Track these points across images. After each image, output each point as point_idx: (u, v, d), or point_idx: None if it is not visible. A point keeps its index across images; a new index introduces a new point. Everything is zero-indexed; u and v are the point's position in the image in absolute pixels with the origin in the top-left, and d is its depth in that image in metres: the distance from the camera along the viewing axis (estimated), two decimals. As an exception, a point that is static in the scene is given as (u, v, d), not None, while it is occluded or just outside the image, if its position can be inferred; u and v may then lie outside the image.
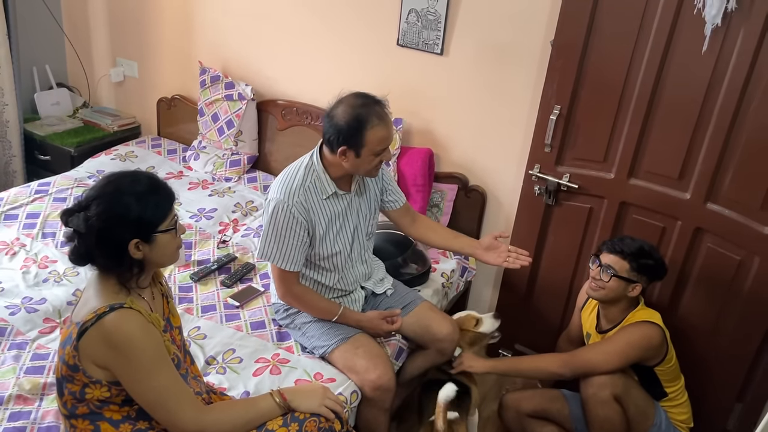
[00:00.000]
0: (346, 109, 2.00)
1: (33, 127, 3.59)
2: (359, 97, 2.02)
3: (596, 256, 2.26)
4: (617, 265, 2.19)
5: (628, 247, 2.20)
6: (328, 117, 2.03)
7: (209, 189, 3.19)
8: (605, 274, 2.19)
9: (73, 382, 1.49)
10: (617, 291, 2.21)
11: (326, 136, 2.05)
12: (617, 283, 2.19)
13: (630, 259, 2.18)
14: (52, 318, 2.26)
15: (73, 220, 1.47)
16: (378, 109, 2.01)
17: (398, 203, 2.36)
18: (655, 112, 2.31)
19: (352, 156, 2.02)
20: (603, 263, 2.21)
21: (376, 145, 2.01)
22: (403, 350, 2.35)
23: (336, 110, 2.02)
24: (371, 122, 1.98)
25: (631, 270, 2.18)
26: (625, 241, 2.22)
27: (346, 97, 2.04)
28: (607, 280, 2.19)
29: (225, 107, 3.24)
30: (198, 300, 2.44)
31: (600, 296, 2.25)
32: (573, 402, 2.44)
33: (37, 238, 2.70)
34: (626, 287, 2.20)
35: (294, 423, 1.64)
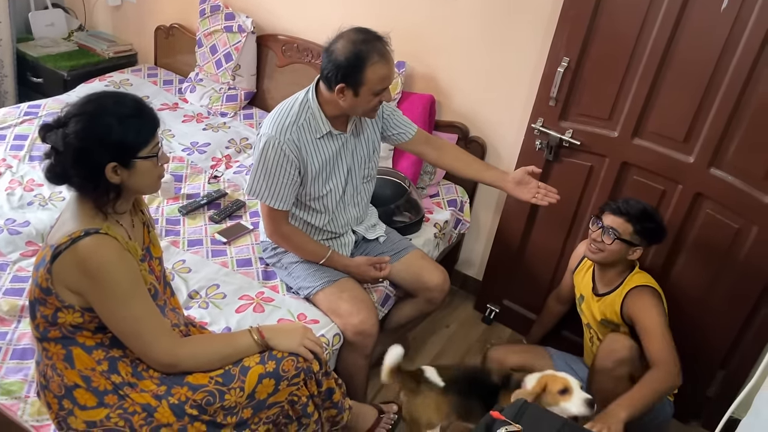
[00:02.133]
0: (346, 45, 1.90)
1: (26, 48, 3.49)
2: (360, 32, 1.93)
3: (598, 217, 2.19)
4: (621, 227, 2.12)
5: (633, 208, 2.13)
6: (327, 52, 1.94)
7: (204, 123, 3.12)
8: (607, 237, 2.13)
9: (45, 306, 1.46)
10: (618, 254, 2.15)
11: (324, 72, 1.96)
12: (619, 246, 2.13)
13: (634, 221, 2.12)
14: (35, 241, 2.22)
15: (51, 136, 1.41)
16: (379, 45, 1.92)
17: (408, 134, 2.27)
18: (666, 72, 2.22)
19: (350, 95, 1.94)
20: (605, 225, 2.15)
21: (375, 83, 1.93)
22: (389, 297, 2.33)
23: (335, 45, 1.93)
24: (372, 59, 1.89)
25: (634, 233, 2.12)
26: (629, 203, 2.15)
27: (346, 31, 1.94)
28: (609, 243, 2.13)
29: (224, 39, 3.14)
30: (185, 233, 2.40)
31: (599, 259, 2.19)
32: (558, 360, 2.44)
33: (24, 161, 2.65)
34: (627, 250, 2.15)
35: (271, 361, 1.62)
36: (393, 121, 2.25)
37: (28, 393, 1.66)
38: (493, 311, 2.96)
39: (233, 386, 1.56)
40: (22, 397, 1.66)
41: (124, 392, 1.50)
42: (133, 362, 1.54)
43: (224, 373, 1.57)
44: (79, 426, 1.49)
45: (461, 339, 2.89)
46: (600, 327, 2.27)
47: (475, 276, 3.11)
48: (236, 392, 1.56)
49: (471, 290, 3.13)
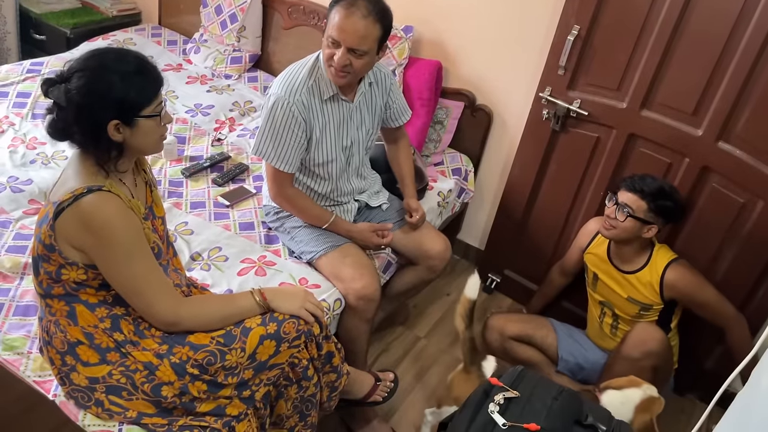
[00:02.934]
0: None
1: (29, 4, 3.44)
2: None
3: (613, 193, 2.18)
4: (635, 204, 2.11)
5: (648, 186, 2.11)
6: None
7: (208, 85, 3.09)
8: (621, 214, 2.12)
9: (48, 262, 1.46)
10: (631, 231, 2.14)
11: None
12: (632, 224, 2.12)
13: (649, 199, 2.10)
14: (38, 200, 2.22)
15: (54, 91, 1.40)
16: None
17: (402, 119, 2.28)
18: (677, 43, 2.18)
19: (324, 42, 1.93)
20: (620, 201, 2.13)
21: (331, 29, 1.88)
22: (391, 264, 2.33)
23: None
24: (339, 2, 1.87)
25: (648, 211, 2.11)
26: (645, 180, 2.13)
27: None
28: (622, 220, 2.11)
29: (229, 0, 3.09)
30: (188, 196, 2.40)
31: (612, 235, 2.18)
32: (561, 331, 2.45)
33: (27, 118, 2.63)
34: (641, 228, 2.13)
35: (272, 323, 1.62)
36: (395, 105, 2.23)
37: (30, 349, 1.68)
38: (494, 281, 2.97)
39: (234, 347, 1.57)
40: (25, 353, 1.67)
41: (126, 350, 1.51)
42: (136, 321, 1.55)
43: (226, 333, 1.58)
44: (82, 382, 1.51)
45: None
46: (625, 304, 2.26)
47: (477, 245, 3.10)
48: (237, 353, 1.57)
49: (473, 259, 3.13)
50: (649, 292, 2.19)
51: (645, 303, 2.21)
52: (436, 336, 2.72)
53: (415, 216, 2.25)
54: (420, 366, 2.56)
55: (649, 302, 2.20)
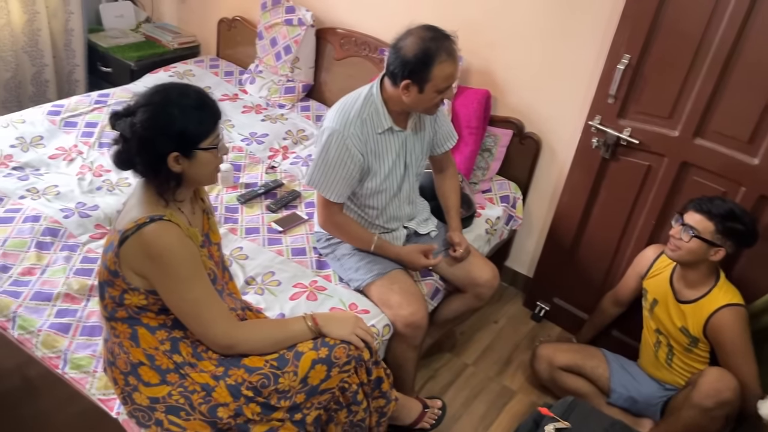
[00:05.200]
0: (416, 41, 1.93)
1: (97, 38, 3.63)
2: (429, 30, 1.95)
3: (680, 214, 2.14)
4: (701, 225, 2.07)
5: (717, 208, 2.07)
6: (395, 48, 1.97)
7: (262, 114, 3.19)
8: (686, 234, 2.08)
9: (113, 287, 1.55)
10: (697, 253, 2.09)
11: (390, 68, 1.99)
12: (698, 245, 2.07)
13: (717, 220, 2.05)
14: (103, 224, 2.33)
15: (120, 123, 1.49)
16: (448, 44, 1.94)
17: (448, 144, 2.32)
18: (732, 70, 2.16)
19: (415, 91, 1.97)
20: (686, 222, 2.10)
21: (441, 81, 1.95)
22: (439, 290, 2.35)
23: (404, 41, 1.95)
24: (440, 57, 1.92)
25: (716, 233, 2.06)
26: (714, 202, 2.09)
27: (415, 28, 1.97)
28: (686, 240, 2.08)
29: (284, 32, 3.20)
30: (243, 221, 2.48)
31: (677, 257, 2.14)
32: (614, 363, 2.41)
33: (94, 147, 2.77)
34: (707, 250, 2.08)
35: (324, 348, 1.66)
36: (442, 130, 2.27)
37: (96, 368, 1.76)
38: (543, 309, 2.95)
39: (287, 370, 1.61)
40: (91, 372, 1.75)
41: (184, 371, 1.58)
42: (194, 343, 1.61)
43: (279, 357, 1.63)
44: (143, 401, 1.57)
45: (509, 335, 2.89)
46: (678, 334, 2.22)
47: (525, 272, 3.09)
48: (290, 376, 1.61)
49: (521, 287, 3.12)
50: (697, 325, 2.15)
51: (693, 336, 2.16)
52: (484, 363, 2.71)
53: (459, 250, 2.27)
54: (467, 393, 2.55)
55: (696, 336, 2.15)
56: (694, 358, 2.21)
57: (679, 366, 2.25)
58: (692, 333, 2.16)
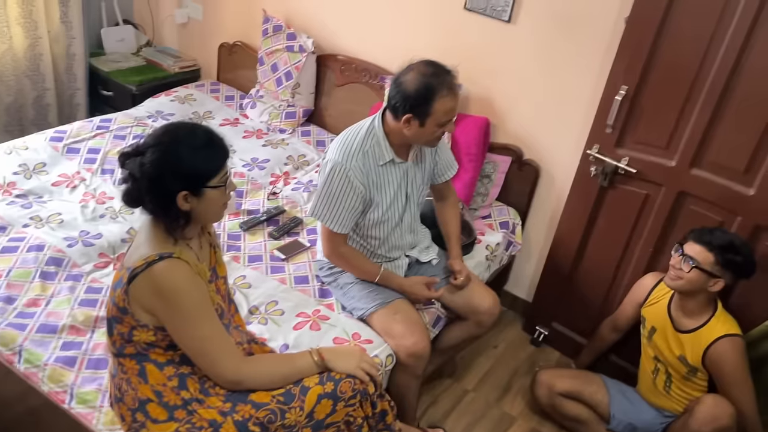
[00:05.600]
0: (417, 77, 1.97)
1: (98, 62, 3.66)
2: (430, 65, 1.99)
3: (680, 244, 2.18)
4: (700, 256, 2.10)
5: (717, 239, 2.10)
6: (396, 83, 2.01)
7: (263, 139, 3.22)
8: (686, 264, 2.11)
9: (122, 324, 1.56)
10: (696, 284, 2.12)
11: (392, 102, 2.03)
12: (698, 275, 2.10)
13: (716, 252, 2.09)
14: (107, 253, 2.34)
15: (130, 163, 1.51)
16: (449, 79, 1.98)
17: (448, 174, 2.35)
18: (728, 102, 2.20)
19: (416, 125, 2.01)
20: (686, 253, 2.13)
21: (442, 115, 1.99)
22: (441, 318, 2.37)
23: (405, 77, 1.99)
24: (441, 92, 1.96)
25: (715, 264, 2.09)
26: (714, 233, 2.13)
27: (416, 64, 2.01)
28: (687, 271, 2.11)
29: (285, 58, 3.24)
30: (245, 249, 2.50)
31: (677, 286, 2.17)
32: (613, 389, 2.43)
33: (97, 174, 2.79)
34: (707, 281, 2.11)
35: (330, 382, 1.68)
36: (442, 160, 2.31)
37: (102, 403, 1.76)
38: (542, 333, 2.97)
39: (294, 405, 1.63)
40: (97, 407, 1.76)
41: (192, 408, 1.59)
42: (201, 379, 1.63)
43: (285, 392, 1.65)
44: (151, 438, 1.59)
45: (509, 360, 2.91)
46: (676, 363, 2.24)
47: (524, 297, 3.12)
48: (296, 411, 1.63)
49: (520, 311, 3.15)
50: (695, 354, 2.17)
51: (692, 365, 2.19)
52: (484, 389, 2.73)
53: (459, 278, 2.30)
54: (468, 420, 2.57)
55: (695, 365, 2.18)
56: (692, 386, 2.24)
57: (677, 393, 2.28)
58: (691, 362, 2.19)
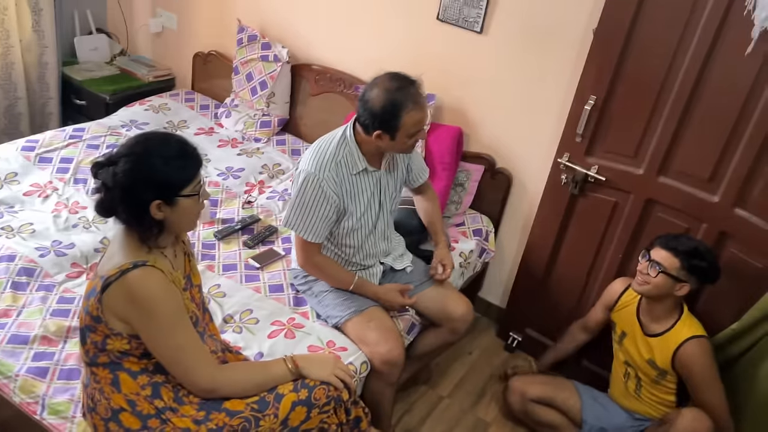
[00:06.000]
0: (381, 94, 1.99)
1: (71, 71, 3.63)
2: (394, 79, 2.02)
3: (647, 250, 2.23)
4: (667, 261, 2.16)
5: (683, 245, 2.16)
6: (362, 101, 2.03)
7: (238, 148, 3.22)
8: (653, 270, 2.17)
9: (95, 332, 1.56)
10: (663, 288, 2.17)
11: (361, 119, 2.06)
12: (664, 280, 2.16)
13: (682, 257, 2.14)
14: (80, 263, 2.33)
15: (102, 173, 1.51)
16: (413, 91, 2.01)
17: (421, 178, 2.40)
18: (692, 111, 2.27)
19: (387, 139, 2.05)
20: (652, 258, 2.19)
21: (411, 127, 2.03)
22: (415, 325, 2.39)
23: (370, 93, 2.02)
24: (406, 107, 1.99)
25: (681, 269, 2.14)
26: (680, 239, 2.19)
27: (381, 78, 2.03)
28: (653, 276, 2.16)
29: (260, 68, 3.25)
30: (220, 258, 2.50)
31: (644, 291, 2.22)
32: (586, 395, 2.47)
33: (69, 183, 2.76)
34: (673, 286, 2.17)
35: (304, 389, 1.69)
36: (414, 165, 2.35)
37: (74, 413, 1.75)
38: (516, 339, 3.01)
39: (268, 413, 1.64)
40: (69, 417, 1.74)
41: (166, 416, 1.59)
42: (175, 388, 1.62)
43: (259, 399, 1.66)
44: (124, 448, 1.58)
45: (483, 366, 2.94)
46: (645, 367, 2.29)
47: (498, 304, 3.16)
48: (270, 419, 1.63)
49: (494, 318, 3.18)
50: (664, 358, 2.22)
51: (661, 368, 2.24)
52: (459, 395, 2.76)
53: (447, 271, 2.33)
54: (443, 427, 2.59)
55: (664, 368, 2.23)
56: (661, 389, 2.29)
57: (647, 396, 2.33)
58: (660, 365, 2.23)
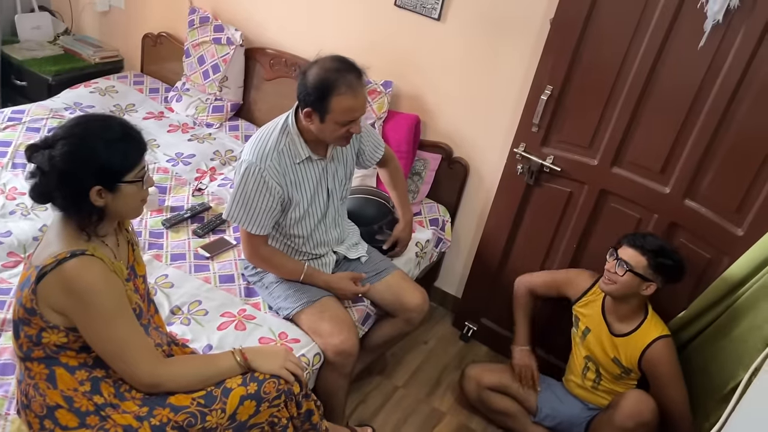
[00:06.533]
0: (318, 72, 1.94)
1: (11, 50, 3.46)
2: (335, 60, 1.96)
3: (615, 249, 2.23)
4: (634, 260, 2.15)
5: (650, 243, 2.16)
6: (301, 74, 1.98)
7: (189, 133, 3.12)
8: (620, 268, 2.16)
9: (29, 326, 1.47)
10: (630, 287, 2.17)
11: (298, 95, 2.00)
12: (631, 279, 2.16)
13: (649, 256, 2.14)
14: (17, 252, 2.21)
15: (37, 156, 1.43)
16: (350, 77, 1.94)
17: (373, 160, 2.37)
18: (645, 104, 2.29)
19: (317, 119, 1.98)
20: (620, 257, 2.18)
21: (339, 114, 1.95)
22: (370, 316, 2.36)
23: (310, 70, 1.96)
24: (338, 90, 1.92)
25: (648, 267, 2.15)
26: (647, 238, 2.19)
27: (323, 58, 1.98)
28: (621, 275, 2.16)
29: (212, 51, 3.15)
30: (168, 247, 2.41)
31: (611, 290, 2.21)
32: (542, 384, 2.48)
33: (7, 168, 2.63)
34: (640, 284, 2.17)
35: (253, 383, 1.64)
36: (367, 140, 2.30)
37: (8, 410, 1.66)
38: (471, 329, 3.01)
39: (215, 408, 1.58)
40: (3, 414, 1.65)
41: (105, 413, 1.51)
42: (116, 383, 1.55)
43: (206, 394, 1.59)
44: (60, 446, 1.50)
45: (439, 356, 2.94)
46: (609, 364, 2.29)
47: (454, 293, 3.15)
48: (218, 413, 1.58)
49: (450, 307, 3.18)
50: (630, 357, 2.23)
51: (627, 367, 2.25)
52: (414, 385, 2.74)
53: (397, 249, 2.45)
54: (398, 417, 2.57)
55: (630, 367, 2.25)
56: (622, 385, 2.31)
57: (604, 390, 2.34)
58: (625, 364, 2.25)
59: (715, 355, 2.15)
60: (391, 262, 2.44)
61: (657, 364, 2.19)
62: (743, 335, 2.04)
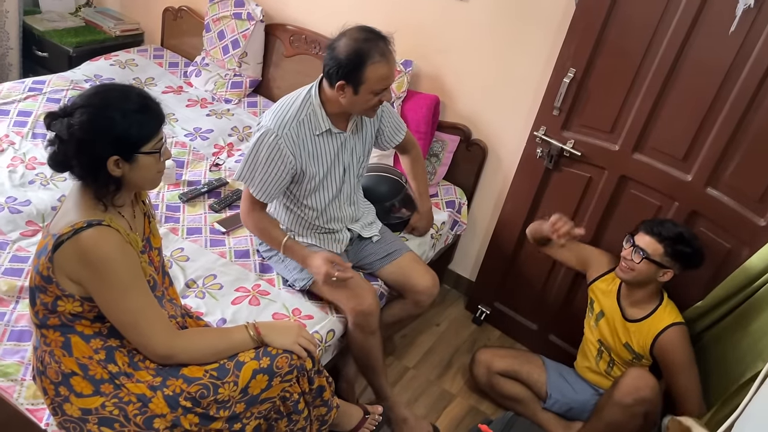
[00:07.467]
0: (348, 42, 1.93)
1: (33, 21, 3.47)
2: (363, 30, 1.95)
3: (631, 235, 2.20)
4: (651, 247, 2.13)
5: (667, 231, 2.13)
6: (330, 49, 1.97)
7: (208, 108, 3.12)
8: (636, 255, 2.14)
9: (45, 293, 1.48)
10: (646, 274, 2.15)
11: (326, 69, 1.98)
12: (648, 266, 2.13)
13: (666, 243, 2.11)
14: (35, 221, 2.23)
15: (56, 124, 1.43)
16: (382, 45, 1.94)
17: (392, 143, 2.35)
18: (670, 90, 2.24)
19: (350, 92, 1.97)
20: (636, 244, 2.16)
21: (375, 83, 1.95)
22: (384, 295, 2.35)
23: (338, 42, 1.95)
24: (372, 58, 1.91)
25: (665, 255, 2.12)
26: (665, 225, 2.16)
27: (350, 29, 1.97)
28: (637, 262, 2.14)
29: (232, 26, 3.13)
30: (184, 221, 2.42)
31: (628, 278, 2.19)
32: (552, 369, 2.47)
33: (27, 138, 2.65)
34: (656, 272, 2.14)
35: (266, 357, 1.64)
36: (388, 121, 2.28)
37: (24, 376, 1.68)
38: (484, 312, 3.00)
39: (227, 380, 1.59)
40: (19, 380, 1.68)
41: (120, 381, 1.53)
42: (130, 352, 1.56)
43: (219, 367, 1.60)
44: (74, 413, 1.52)
45: (451, 338, 2.93)
46: (621, 350, 2.28)
47: (468, 276, 3.14)
48: (230, 386, 1.58)
49: (463, 290, 3.17)
50: (643, 344, 2.22)
51: (638, 353, 2.24)
52: (425, 367, 2.74)
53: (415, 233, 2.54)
54: (408, 397, 2.58)
55: (641, 353, 2.23)
56: None
57: (616, 375, 2.33)
58: (636, 350, 2.23)
59: (734, 345, 2.12)
60: (404, 243, 2.43)
61: (669, 352, 2.16)
62: (763, 327, 2.01)
